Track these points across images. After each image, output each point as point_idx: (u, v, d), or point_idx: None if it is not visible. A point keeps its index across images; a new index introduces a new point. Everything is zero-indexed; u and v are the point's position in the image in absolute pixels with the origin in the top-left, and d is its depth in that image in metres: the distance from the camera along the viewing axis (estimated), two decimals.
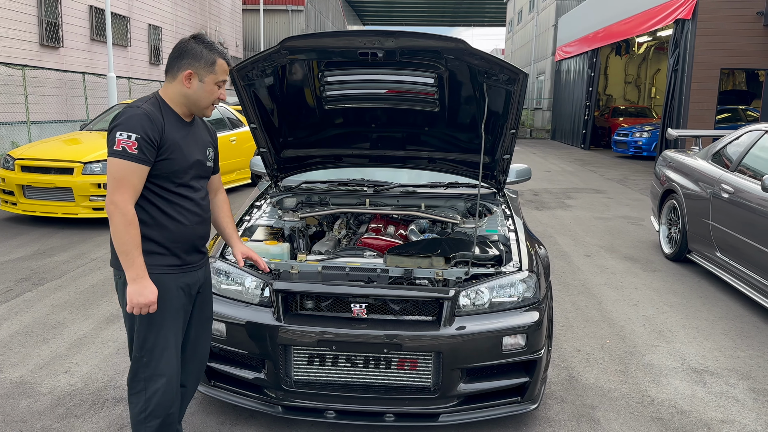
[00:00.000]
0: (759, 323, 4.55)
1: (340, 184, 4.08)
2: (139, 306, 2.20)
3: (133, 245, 2.18)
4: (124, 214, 2.15)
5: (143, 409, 2.35)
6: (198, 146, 2.39)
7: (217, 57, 2.29)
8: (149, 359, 2.33)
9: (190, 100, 2.31)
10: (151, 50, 18.73)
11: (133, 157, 2.15)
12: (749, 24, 11.87)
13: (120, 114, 2.22)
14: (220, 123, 9.81)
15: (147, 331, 2.31)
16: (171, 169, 2.27)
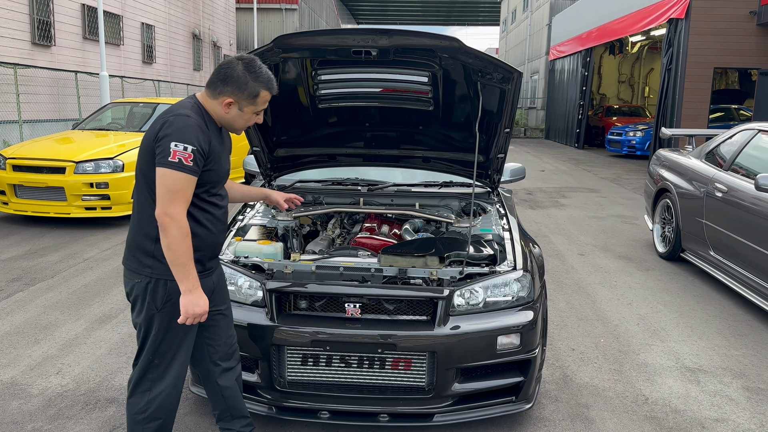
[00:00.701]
0: (752, 322, 4.56)
1: (334, 183, 4.07)
2: (194, 316, 2.22)
3: (189, 257, 2.18)
4: (180, 227, 2.14)
5: (143, 410, 2.35)
6: (227, 155, 2.42)
7: (261, 89, 2.27)
8: (160, 361, 2.34)
9: (225, 121, 2.32)
10: (144, 49, 18.65)
11: (188, 170, 2.14)
12: (742, 24, 11.92)
13: (170, 122, 2.15)
14: None
15: (165, 334, 2.31)
16: (211, 179, 2.28)
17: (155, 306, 2.27)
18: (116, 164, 7.14)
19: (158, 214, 2.13)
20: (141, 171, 2.24)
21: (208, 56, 24.85)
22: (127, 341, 3.97)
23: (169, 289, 2.26)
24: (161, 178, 2.12)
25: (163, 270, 2.24)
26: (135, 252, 2.28)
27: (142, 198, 2.26)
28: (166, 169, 2.11)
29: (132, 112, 9.46)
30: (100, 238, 6.71)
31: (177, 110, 2.20)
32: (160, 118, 2.19)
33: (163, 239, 2.14)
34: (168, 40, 20.58)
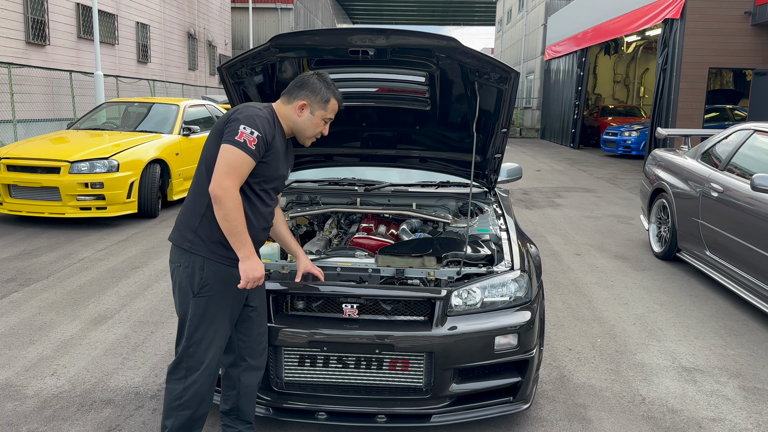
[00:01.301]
0: (748, 321, 4.57)
1: (330, 183, 4.06)
2: (253, 280, 2.37)
3: (244, 226, 2.32)
4: (234, 198, 2.28)
5: (179, 397, 2.43)
6: (287, 164, 2.57)
7: (332, 97, 2.52)
8: (195, 350, 2.42)
9: (297, 127, 2.50)
10: (139, 48, 18.59)
11: (250, 152, 2.30)
12: (737, 24, 11.95)
13: (240, 110, 2.36)
14: (209, 122, 9.74)
15: (199, 322, 2.40)
16: (265, 173, 2.42)
17: (191, 290, 2.38)
18: (111, 164, 7.11)
19: (212, 188, 2.26)
20: (205, 151, 2.42)
21: (203, 56, 24.80)
22: (122, 342, 3.95)
23: (205, 274, 2.37)
24: (223, 153, 2.28)
25: (201, 248, 2.37)
26: (181, 226, 2.44)
27: (200, 177, 2.42)
28: (230, 146, 2.28)
29: (127, 112, 9.43)
30: (95, 239, 6.68)
31: (251, 104, 2.42)
32: (234, 108, 2.42)
33: (218, 211, 2.28)
34: (163, 40, 20.53)
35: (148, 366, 3.62)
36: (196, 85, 23.57)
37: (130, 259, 5.91)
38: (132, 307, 4.59)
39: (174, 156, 8.29)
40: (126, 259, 5.90)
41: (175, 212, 8.23)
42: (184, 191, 8.67)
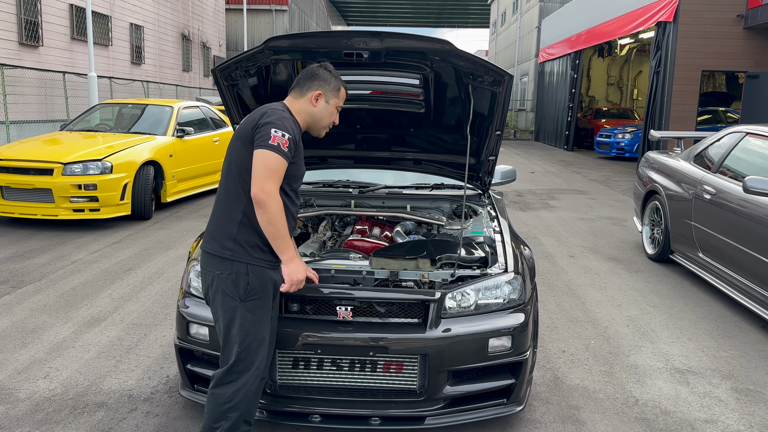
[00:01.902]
0: (741, 323, 4.59)
1: (324, 185, 4.06)
2: (297, 282, 2.45)
3: (286, 229, 2.39)
4: (277, 201, 2.33)
5: (229, 400, 2.43)
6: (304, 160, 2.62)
7: (341, 85, 2.60)
8: (247, 353, 2.43)
9: (314, 118, 2.56)
10: (133, 50, 18.54)
11: (284, 155, 2.35)
12: (729, 27, 12.02)
13: (268, 113, 2.40)
14: (203, 123, 9.73)
15: (251, 326, 2.42)
16: (294, 173, 2.49)
17: (238, 296, 2.40)
18: (105, 165, 7.09)
19: (254, 192, 2.30)
20: (234, 157, 2.44)
21: (197, 57, 24.75)
22: (115, 345, 3.94)
23: (251, 279, 2.39)
24: (260, 158, 2.31)
25: (242, 254, 2.39)
26: (217, 236, 2.45)
27: (230, 184, 2.44)
28: (265, 150, 2.31)
29: (121, 113, 9.40)
30: (89, 240, 6.66)
31: (274, 106, 2.46)
32: (259, 111, 2.45)
33: (262, 215, 2.32)
34: (157, 41, 20.48)
35: (141, 369, 3.61)
36: (191, 87, 23.52)
37: (124, 261, 5.89)
38: (125, 310, 4.57)
39: (168, 158, 8.27)
40: (119, 261, 5.88)
41: (169, 214, 8.21)
42: (178, 193, 8.65)
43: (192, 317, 2.87)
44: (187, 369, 2.96)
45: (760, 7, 11.40)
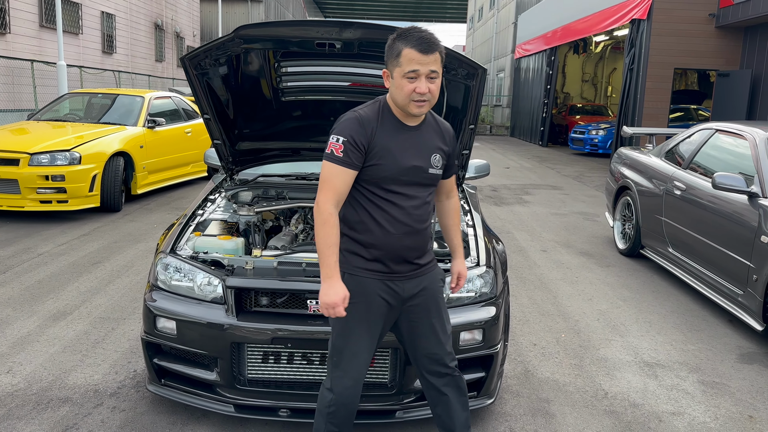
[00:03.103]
0: (708, 317, 4.66)
1: (297, 177, 4.01)
2: (325, 306, 2.16)
3: (326, 245, 2.15)
4: (320, 213, 2.15)
5: (328, 405, 2.33)
6: (420, 152, 2.26)
7: (403, 47, 2.12)
8: (338, 360, 2.31)
9: (394, 99, 2.22)
10: (104, 38, 18.18)
11: (338, 160, 2.15)
12: (702, 26, 12.20)
13: (338, 118, 2.24)
14: (175, 114, 9.57)
15: (338, 333, 2.30)
16: (379, 175, 2.21)
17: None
18: (73, 156, 6.94)
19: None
20: None
21: (170, 47, 24.39)
22: (82, 339, 3.85)
23: (348, 287, 2.21)
24: (321, 168, 2.20)
25: (343, 262, 2.26)
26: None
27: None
28: (323, 161, 2.19)
29: (90, 103, 9.21)
30: (56, 233, 6.51)
31: (356, 107, 2.27)
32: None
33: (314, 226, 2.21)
34: (129, 30, 20.12)
35: (108, 363, 3.54)
36: (163, 77, 23.18)
37: (92, 254, 5.77)
38: (92, 303, 4.48)
39: (138, 149, 8.12)
40: (87, 254, 5.76)
41: (139, 206, 8.07)
42: (149, 185, 8.51)
43: (159, 311, 2.82)
44: (155, 363, 2.91)
45: (731, 7, 11.59)
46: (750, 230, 4.21)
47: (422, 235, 2.30)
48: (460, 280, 2.55)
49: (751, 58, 11.91)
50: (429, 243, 2.37)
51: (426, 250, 2.35)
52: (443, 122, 2.39)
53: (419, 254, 2.32)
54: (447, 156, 2.37)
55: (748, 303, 4.19)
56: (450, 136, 2.37)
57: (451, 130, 2.39)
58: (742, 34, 12.19)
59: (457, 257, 2.57)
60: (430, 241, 2.41)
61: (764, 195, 4.26)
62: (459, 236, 2.56)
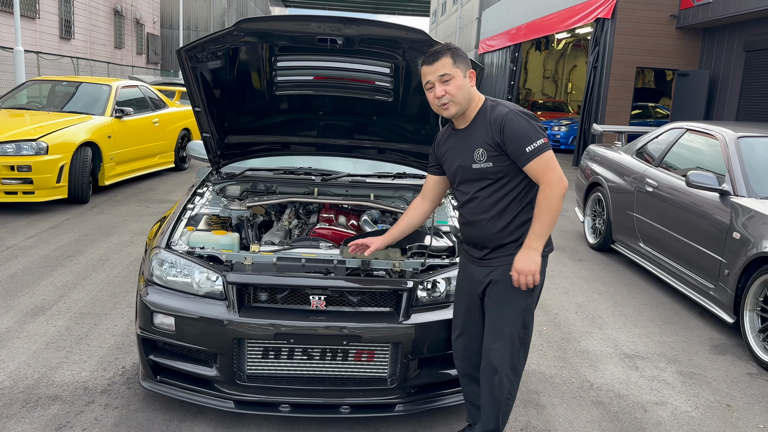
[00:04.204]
0: (680, 310, 4.84)
1: (285, 172, 3.99)
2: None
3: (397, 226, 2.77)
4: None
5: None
6: (463, 151, 2.47)
7: (420, 66, 2.46)
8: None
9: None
10: (62, 24, 17.60)
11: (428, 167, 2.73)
12: (663, 26, 12.55)
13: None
14: (143, 103, 9.36)
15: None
16: (447, 175, 2.61)
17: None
18: (40, 146, 6.72)
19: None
20: None
21: (130, 34, 23.78)
22: (64, 335, 3.76)
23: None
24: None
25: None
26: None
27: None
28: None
29: (54, 91, 8.92)
30: (23, 225, 6.31)
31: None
32: None
33: None
34: (88, 15, 19.51)
35: (94, 360, 3.47)
36: (122, 65, 22.58)
37: (63, 247, 5.62)
38: (70, 298, 4.37)
39: (106, 139, 7.92)
40: (59, 247, 5.61)
41: (107, 198, 7.88)
42: (117, 176, 8.31)
43: (156, 307, 2.78)
44: (150, 360, 2.87)
45: (691, 8, 11.95)
46: (722, 227, 4.39)
47: (477, 226, 2.49)
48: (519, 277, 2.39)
49: (709, 59, 12.32)
50: (495, 235, 2.46)
51: (489, 242, 2.48)
52: (494, 113, 2.40)
53: (483, 243, 2.51)
54: (496, 146, 2.38)
55: (719, 296, 4.38)
56: (496, 126, 2.37)
57: (498, 119, 2.37)
58: (701, 35, 12.60)
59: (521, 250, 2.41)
60: (502, 234, 2.45)
61: (735, 193, 4.44)
62: (534, 226, 2.36)
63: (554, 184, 2.32)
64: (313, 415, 2.85)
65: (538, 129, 2.35)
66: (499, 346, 2.47)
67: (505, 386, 2.48)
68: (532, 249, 2.35)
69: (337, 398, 2.80)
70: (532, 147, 2.31)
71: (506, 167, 2.39)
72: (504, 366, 2.47)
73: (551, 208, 2.32)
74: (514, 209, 2.44)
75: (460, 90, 2.37)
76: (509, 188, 2.42)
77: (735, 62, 11.41)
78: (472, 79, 2.42)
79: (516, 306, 2.45)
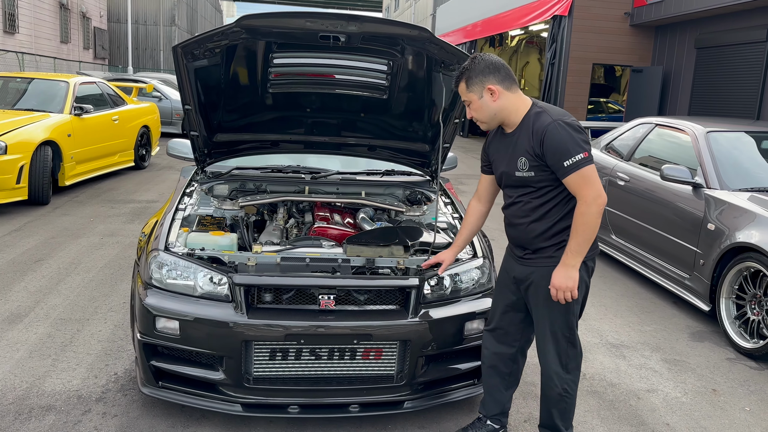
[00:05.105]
0: (655, 299, 5.01)
1: (273, 170, 3.93)
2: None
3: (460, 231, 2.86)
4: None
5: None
6: (508, 157, 2.50)
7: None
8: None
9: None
10: (6, 17, 16.86)
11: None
12: (618, 23, 12.92)
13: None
14: (101, 100, 9.06)
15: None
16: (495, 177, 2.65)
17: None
18: None
19: None
20: None
21: (76, 28, 22.95)
22: (47, 342, 3.62)
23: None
24: None
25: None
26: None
27: None
28: None
29: (6, 87, 8.54)
30: None
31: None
32: None
33: None
34: (32, 9, 18.74)
35: (83, 367, 3.35)
36: (69, 60, 21.80)
37: (30, 250, 5.40)
38: (47, 304, 4.21)
39: (66, 137, 7.63)
40: (26, 250, 5.39)
41: (68, 199, 7.61)
42: (77, 176, 8.02)
43: (159, 311, 2.70)
44: (152, 365, 2.79)
45: (644, 6, 12.33)
46: (696, 218, 4.56)
47: (518, 229, 2.55)
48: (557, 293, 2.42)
49: (661, 56, 12.75)
50: (534, 239, 2.50)
51: (528, 244, 2.53)
52: (537, 122, 2.39)
53: (523, 244, 2.56)
54: (536, 156, 2.38)
55: (694, 286, 4.55)
56: (537, 137, 2.36)
57: (540, 130, 2.36)
58: (653, 32, 13.02)
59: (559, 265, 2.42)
60: (541, 238, 2.48)
61: (708, 186, 4.62)
62: (570, 243, 2.36)
63: (590, 200, 2.30)
64: (322, 416, 2.83)
65: (579, 142, 2.31)
66: (546, 347, 2.54)
67: (556, 385, 2.55)
68: (570, 266, 2.37)
69: (345, 397, 2.79)
70: (570, 162, 2.30)
71: (547, 176, 2.40)
72: (552, 365, 2.54)
73: (587, 225, 2.32)
74: (555, 215, 2.45)
75: (478, 112, 2.47)
76: (551, 195, 2.44)
77: (687, 59, 11.84)
78: (495, 94, 2.41)
79: (557, 308, 2.49)
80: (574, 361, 2.56)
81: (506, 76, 2.45)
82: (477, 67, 2.42)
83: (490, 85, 2.42)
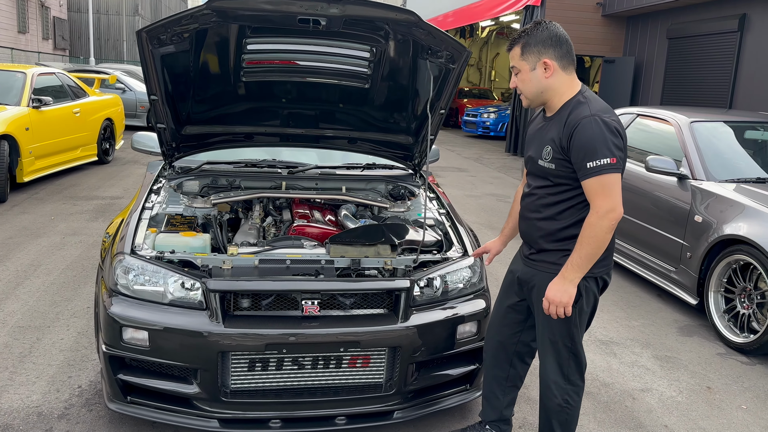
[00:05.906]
0: (639, 293, 4.92)
1: (247, 165, 3.70)
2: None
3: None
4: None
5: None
6: (537, 143, 2.31)
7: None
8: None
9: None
10: None
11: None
12: (590, 14, 12.86)
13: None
14: (61, 92, 8.65)
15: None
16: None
17: None
18: None
19: None
20: None
21: (34, 17, 22.12)
22: (3, 352, 3.35)
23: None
24: None
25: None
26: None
27: None
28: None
29: None
30: None
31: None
32: None
33: None
34: None
35: (44, 380, 3.09)
36: (27, 51, 21.01)
37: None
38: (4, 310, 3.91)
39: (24, 131, 7.24)
40: None
41: (27, 196, 7.23)
42: (36, 171, 7.63)
43: (126, 320, 2.47)
44: (119, 379, 2.56)
45: None
46: (683, 211, 4.46)
47: (528, 223, 2.35)
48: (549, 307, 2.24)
49: (633, 46, 12.76)
50: (541, 238, 2.30)
51: (534, 242, 2.34)
52: (574, 112, 2.16)
53: (529, 242, 2.38)
54: (561, 149, 2.17)
55: (681, 279, 4.46)
56: (569, 129, 2.14)
57: (574, 121, 2.13)
58: (625, 23, 13.01)
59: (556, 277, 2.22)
60: (547, 239, 2.28)
61: (694, 177, 4.53)
62: (573, 255, 2.16)
63: (603, 213, 2.09)
64: (306, 430, 2.62)
65: (610, 145, 2.07)
66: (546, 355, 2.38)
67: (555, 395, 2.37)
68: (567, 280, 2.16)
69: (331, 409, 2.60)
70: (593, 164, 2.07)
71: (568, 173, 2.18)
72: (551, 374, 2.37)
73: (594, 239, 2.09)
74: (567, 218, 2.23)
75: (525, 84, 2.24)
76: (567, 195, 2.22)
77: (658, 49, 11.85)
78: (549, 70, 2.17)
79: (542, 319, 2.35)
80: (577, 372, 2.39)
81: (566, 53, 2.20)
82: (539, 35, 2.18)
83: (546, 59, 2.18)
